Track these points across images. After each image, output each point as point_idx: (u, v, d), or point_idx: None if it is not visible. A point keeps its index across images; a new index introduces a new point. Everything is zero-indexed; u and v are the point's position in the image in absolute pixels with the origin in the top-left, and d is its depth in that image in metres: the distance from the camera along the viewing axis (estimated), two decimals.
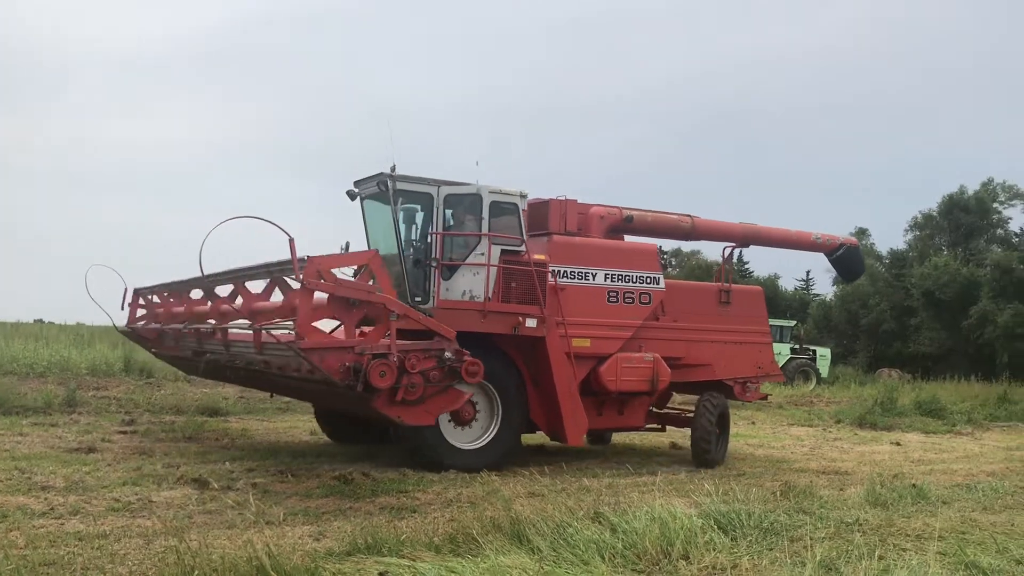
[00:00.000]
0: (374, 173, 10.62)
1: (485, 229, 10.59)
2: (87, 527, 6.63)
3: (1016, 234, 51.50)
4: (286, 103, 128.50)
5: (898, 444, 16.11)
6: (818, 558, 5.61)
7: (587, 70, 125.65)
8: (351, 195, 11.28)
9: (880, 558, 5.79)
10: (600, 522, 6.47)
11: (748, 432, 16.52)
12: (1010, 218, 53.31)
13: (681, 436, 14.67)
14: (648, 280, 11.80)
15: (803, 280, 63.21)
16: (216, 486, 8.43)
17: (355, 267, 8.95)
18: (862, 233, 59.72)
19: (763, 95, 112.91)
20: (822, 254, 15.28)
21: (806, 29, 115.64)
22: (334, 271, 8.08)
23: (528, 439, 14.45)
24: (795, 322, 40.60)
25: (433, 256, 10.43)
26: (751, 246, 14.42)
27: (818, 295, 60.89)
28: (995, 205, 53.42)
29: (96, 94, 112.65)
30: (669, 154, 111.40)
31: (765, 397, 14.96)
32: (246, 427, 13.62)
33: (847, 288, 55.42)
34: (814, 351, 36.09)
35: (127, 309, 13.02)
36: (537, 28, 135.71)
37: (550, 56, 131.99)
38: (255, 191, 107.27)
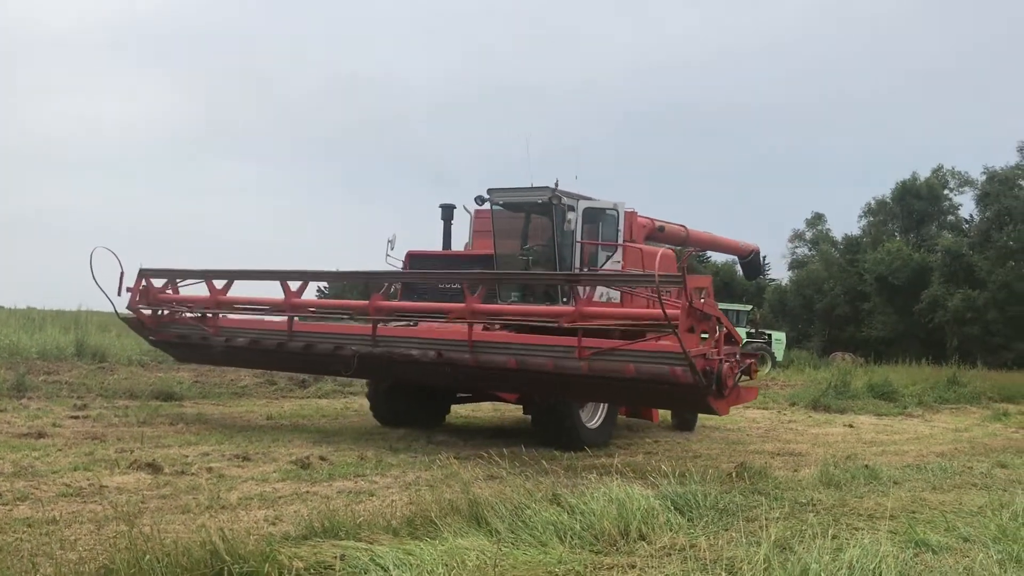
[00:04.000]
0: (536, 186, 11.94)
1: (621, 239, 12.26)
2: (36, 513, 6.48)
3: (966, 220, 52.57)
4: (234, 82, 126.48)
5: (851, 426, 16.39)
6: (773, 537, 5.67)
7: (533, 54, 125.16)
8: (480, 200, 12.56)
9: (833, 537, 5.87)
10: (558, 504, 6.47)
11: (704, 414, 16.67)
12: (960, 204, 54.46)
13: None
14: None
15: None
16: (170, 471, 8.34)
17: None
18: (818, 218, 60.66)
19: (717, 83, 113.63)
20: (738, 257, 17.89)
21: (761, 19, 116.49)
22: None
23: (487, 421, 14.48)
24: (751, 307, 41.09)
25: (580, 262, 11.97)
26: (707, 251, 16.35)
27: (774, 280, 61.63)
28: (946, 192, 54.45)
29: (44, 72, 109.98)
30: (618, 142, 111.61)
31: None
32: (201, 411, 13.45)
33: (802, 273, 56.35)
34: (769, 335, 36.54)
35: (125, 294, 12.74)
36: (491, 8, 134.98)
37: (494, 38, 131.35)
38: (202, 173, 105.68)
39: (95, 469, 8.28)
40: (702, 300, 8.96)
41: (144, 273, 12.81)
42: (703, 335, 9.24)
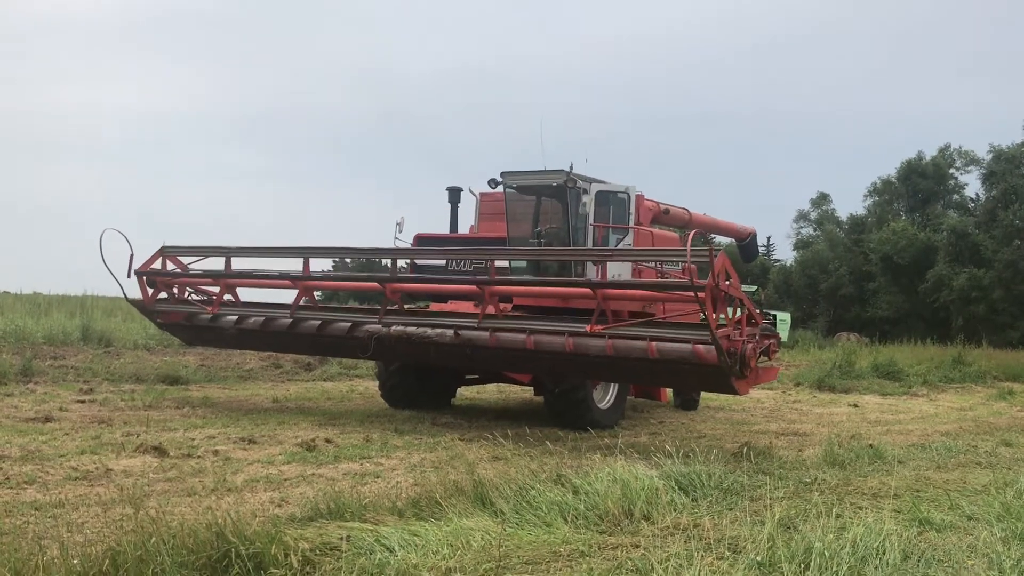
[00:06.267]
0: (550, 169, 11.93)
1: (632, 222, 12.39)
2: (43, 496, 6.53)
3: (972, 200, 52.36)
4: (239, 70, 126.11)
5: (856, 406, 16.39)
6: (777, 517, 5.68)
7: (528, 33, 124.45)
8: (493, 183, 12.53)
9: (838, 516, 5.88)
10: (562, 484, 6.49)
11: (709, 395, 16.68)
12: (966, 184, 54.25)
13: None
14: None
15: (764, 246, 63.78)
16: (176, 454, 8.37)
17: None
18: (823, 198, 60.50)
19: (720, 61, 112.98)
20: (735, 240, 17.89)
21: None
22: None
23: (492, 402, 14.50)
24: (756, 287, 40.97)
25: (593, 245, 11.96)
26: (708, 233, 17.00)
27: (779, 260, 61.54)
28: (951, 171, 54.20)
29: (49, 59, 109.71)
30: (620, 124, 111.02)
31: None
32: (207, 395, 13.49)
33: (807, 254, 56.23)
34: (774, 315, 36.45)
35: (135, 276, 12.71)
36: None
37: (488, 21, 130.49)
38: (211, 160, 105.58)
39: (101, 453, 8.32)
40: (728, 282, 8.96)
41: (165, 251, 12.72)
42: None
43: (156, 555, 4.46)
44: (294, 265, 11.98)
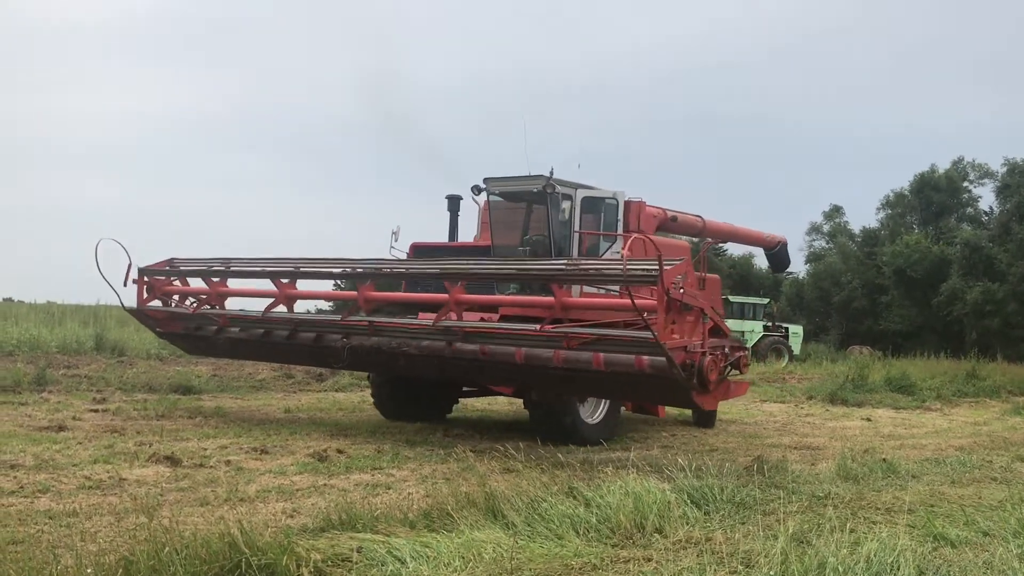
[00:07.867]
0: (530, 175, 11.70)
1: (621, 229, 11.94)
2: (57, 505, 6.56)
3: (985, 213, 52.15)
4: (253, 75, 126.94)
5: (869, 420, 16.30)
6: (790, 531, 5.65)
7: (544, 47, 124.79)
8: (476, 190, 12.36)
9: (851, 531, 5.85)
10: (574, 497, 6.48)
11: (721, 408, 16.57)
12: (980, 197, 54.01)
13: None
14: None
15: None
16: (188, 464, 8.41)
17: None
18: (836, 211, 60.32)
19: (732, 72, 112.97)
20: (763, 249, 17.37)
21: (774, 4, 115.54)
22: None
23: (504, 414, 14.49)
24: (768, 300, 40.90)
25: (579, 252, 11.74)
26: (726, 242, 16.93)
27: (791, 273, 61.31)
28: (965, 184, 54.02)
29: (60, 66, 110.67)
30: (630, 135, 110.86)
31: None
32: (219, 405, 13.53)
33: (819, 266, 56.09)
34: (786, 328, 36.40)
35: (131, 286, 12.71)
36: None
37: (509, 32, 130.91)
38: (225, 167, 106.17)
39: (115, 462, 8.36)
40: (681, 291, 8.54)
41: (144, 272, 12.78)
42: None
43: (169, 565, 4.48)
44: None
